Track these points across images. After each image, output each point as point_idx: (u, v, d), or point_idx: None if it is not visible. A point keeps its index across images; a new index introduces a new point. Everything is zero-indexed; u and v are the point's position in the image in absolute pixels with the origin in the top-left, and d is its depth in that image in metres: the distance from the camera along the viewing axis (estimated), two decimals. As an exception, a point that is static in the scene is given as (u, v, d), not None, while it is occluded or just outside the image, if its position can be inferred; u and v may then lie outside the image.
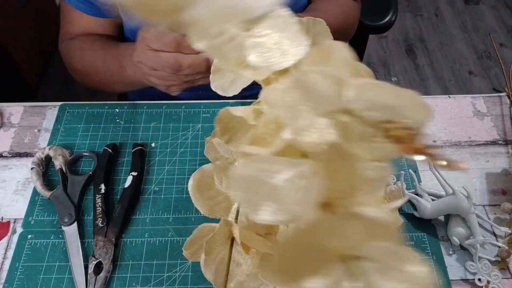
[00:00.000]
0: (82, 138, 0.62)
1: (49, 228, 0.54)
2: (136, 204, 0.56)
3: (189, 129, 0.63)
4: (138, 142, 0.61)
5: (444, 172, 0.58)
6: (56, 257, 0.51)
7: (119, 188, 0.57)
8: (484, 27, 1.93)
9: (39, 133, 0.63)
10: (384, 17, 0.84)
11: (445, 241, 0.53)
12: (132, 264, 0.51)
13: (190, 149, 0.61)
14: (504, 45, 1.86)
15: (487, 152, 0.61)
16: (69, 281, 0.50)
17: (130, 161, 0.59)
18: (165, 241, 0.53)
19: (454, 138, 0.62)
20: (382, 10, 0.84)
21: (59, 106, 0.66)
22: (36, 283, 0.49)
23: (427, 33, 1.92)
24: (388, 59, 1.84)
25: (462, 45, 1.87)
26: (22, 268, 0.51)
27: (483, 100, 0.67)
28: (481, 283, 0.49)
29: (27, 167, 0.59)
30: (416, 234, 0.53)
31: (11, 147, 0.62)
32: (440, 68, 1.79)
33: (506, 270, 0.51)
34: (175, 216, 0.55)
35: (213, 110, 0.65)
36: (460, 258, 0.52)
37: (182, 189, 0.57)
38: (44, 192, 0.55)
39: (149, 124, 0.64)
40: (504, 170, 0.59)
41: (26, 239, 0.53)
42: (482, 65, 1.80)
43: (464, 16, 1.98)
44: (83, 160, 0.60)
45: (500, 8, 2.00)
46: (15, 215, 0.55)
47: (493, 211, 0.56)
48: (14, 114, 0.65)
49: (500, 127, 0.64)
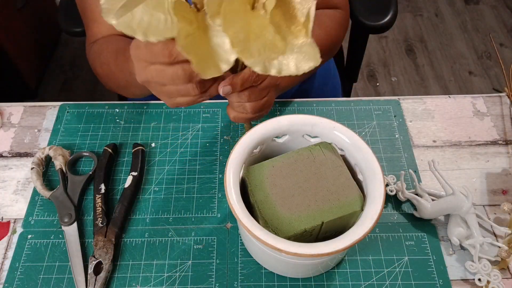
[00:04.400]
0: (82, 138, 0.62)
1: (49, 228, 0.54)
2: (136, 204, 0.56)
3: (189, 129, 0.63)
4: (138, 142, 0.61)
5: (444, 172, 0.58)
6: (56, 257, 0.51)
7: (119, 188, 0.57)
8: (484, 27, 1.93)
9: (39, 133, 0.63)
10: (384, 17, 0.83)
11: (445, 241, 0.53)
12: (132, 264, 0.51)
13: (190, 149, 0.61)
14: (504, 45, 1.86)
15: (487, 152, 0.61)
16: (69, 281, 0.50)
17: (130, 161, 0.59)
18: (165, 241, 0.53)
19: (454, 138, 0.63)
20: (382, 10, 0.84)
21: (59, 106, 0.66)
22: (36, 283, 0.49)
23: (427, 33, 1.92)
24: (388, 59, 1.84)
25: (462, 45, 1.87)
26: (22, 268, 0.51)
27: (483, 100, 0.67)
28: (481, 283, 0.49)
29: (27, 167, 0.59)
30: (416, 234, 0.53)
31: (11, 147, 0.62)
32: (440, 68, 1.79)
33: (506, 270, 0.51)
34: (175, 216, 0.55)
35: (213, 110, 0.65)
36: (460, 258, 0.52)
37: (182, 189, 0.57)
38: (44, 192, 0.55)
39: (149, 124, 0.64)
40: (504, 170, 0.59)
41: (26, 239, 0.53)
42: (482, 65, 1.80)
43: (464, 16, 1.98)
44: (83, 160, 0.60)
45: (500, 8, 2.00)
46: (15, 215, 0.55)
47: (493, 211, 0.56)
48: (14, 114, 0.65)
49: (500, 127, 0.64)
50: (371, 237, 0.53)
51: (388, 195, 0.56)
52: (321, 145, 0.49)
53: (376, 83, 1.76)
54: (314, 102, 0.66)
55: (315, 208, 0.44)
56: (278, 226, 0.43)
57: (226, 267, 0.51)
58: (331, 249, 0.39)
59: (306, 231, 0.43)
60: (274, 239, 0.40)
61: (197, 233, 0.53)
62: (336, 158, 0.48)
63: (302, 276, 0.50)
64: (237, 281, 0.50)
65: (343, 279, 0.50)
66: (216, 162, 0.60)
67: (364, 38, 0.92)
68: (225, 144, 0.61)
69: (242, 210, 0.41)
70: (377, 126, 0.63)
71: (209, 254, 0.52)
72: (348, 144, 0.48)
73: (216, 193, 0.57)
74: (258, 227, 0.40)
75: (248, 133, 0.47)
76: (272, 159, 0.48)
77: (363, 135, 0.62)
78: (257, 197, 0.45)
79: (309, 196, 0.45)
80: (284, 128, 0.49)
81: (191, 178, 0.58)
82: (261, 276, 0.50)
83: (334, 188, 0.45)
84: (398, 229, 0.54)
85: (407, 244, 0.52)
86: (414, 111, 0.65)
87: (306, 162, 0.47)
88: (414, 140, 0.62)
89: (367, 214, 0.42)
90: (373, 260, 0.51)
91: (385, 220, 0.54)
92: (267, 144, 0.50)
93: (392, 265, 0.51)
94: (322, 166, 0.47)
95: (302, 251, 0.39)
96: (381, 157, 0.60)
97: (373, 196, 0.43)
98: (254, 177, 0.46)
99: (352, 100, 0.66)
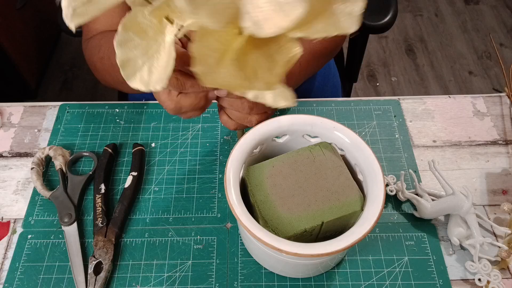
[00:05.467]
0: (82, 138, 0.62)
1: (49, 228, 0.54)
2: (136, 204, 0.56)
3: (189, 129, 0.63)
4: (138, 142, 0.61)
5: (444, 172, 0.58)
6: (56, 257, 0.51)
7: (119, 188, 0.57)
8: (484, 27, 1.93)
9: (39, 133, 0.63)
10: (384, 17, 0.83)
11: (445, 241, 0.53)
12: (132, 264, 0.51)
13: (190, 149, 0.61)
14: (504, 45, 1.86)
15: (487, 152, 0.61)
16: (69, 281, 0.50)
17: (130, 161, 0.59)
18: (165, 241, 0.53)
19: (454, 138, 0.63)
20: (382, 10, 0.84)
21: (59, 106, 0.66)
22: (36, 283, 0.49)
23: (427, 33, 1.92)
24: (388, 59, 1.84)
25: (462, 45, 1.87)
26: (22, 268, 0.51)
27: (483, 100, 0.67)
28: (481, 283, 0.49)
29: (27, 167, 0.59)
30: (416, 234, 0.53)
31: (11, 147, 0.62)
32: (440, 68, 1.79)
33: (506, 270, 0.51)
34: (175, 216, 0.55)
35: (213, 110, 0.65)
36: (460, 258, 0.52)
37: (182, 189, 0.57)
38: (44, 192, 0.55)
39: (149, 124, 0.64)
40: (504, 170, 0.59)
41: (26, 239, 0.53)
42: (482, 65, 1.80)
43: (464, 16, 1.98)
44: (83, 160, 0.60)
45: (500, 8, 2.00)
46: (15, 215, 0.55)
47: (493, 211, 0.56)
48: (14, 114, 0.65)
49: (500, 127, 0.64)
50: (371, 237, 0.53)
51: (388, 195, 0.56)
52: (321, 145, 0.49)
53: (376, 83, 1.76)
54: (314, 102, 0.66)
55: (315, 208, 0.44)
56: (278, 226, 0.43)
57: (226, 267, 0.51)
58: (331, 249, 0.39)
59: (306, 231, 0.43)
60: (274, 239, 0.40)
61: (197, 233, 0.53)
62: (336, 158, 0.48)
63: (302, 276, 0.50)
64: (237, 281, 0.50)
65: (343, 279, 0.50)
66: (216, 162, 0.60)
67: (364, 38, 0.92)
68: (225, 144, 0.61)
69: (242, 210, 0.41)
70: (377, 126, 0.63)
71: (209, 254, 0.52)
72: (348, 144, 0.48)
73: (216, 193, 0.57)
74: (258, 227, 0.40)
75: (248, 133, 0.47)
76: (272, 159, 0.48)
77: (363, 135, 0.62)
78: (257, 197, 0.45)
79: (309, 196, 0.45)
80: (284, 128, 0.49)
81: (191, 178, 0.58)
82: (261, 276, 0.50)
83: (334, 188, 0.45)
84: (398, 229, 0.54)
85: (407, 244, 0.52)
86: (414, 111, 0.65)
87: (306, 162, 0.47)
88: (414, 140, 0.62)
89: (367, 214, 0.42)
90: (373, 260, 0.51)
91: (385, 220, 0.54)
92: (267, 144, 0.50)
93: (392, 265, 0.51)
94: (322, 166, 0.47)
95: (302, 251, 0.39)
96: (381, 157, 0.60)
97: (373, 196, 0.43)
98: (254, 177, 0.46)
99: (352, 100, 0.66)
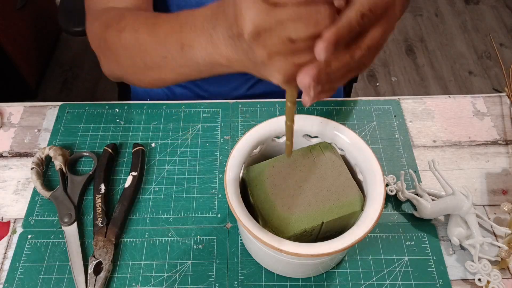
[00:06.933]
0: (82, 138, 0.62)
1: (49, 228, 0.54)
2: (136, 204, 0.56)
3: (189, 129, 0.63)
4: (138, 142, 0.61)
5: (444, 172, 0.58)
6: (56, 257, 0.51)
7: (119, 188, 0.57)
8: (484, 27, 1.93)
9: (39, 133, 0.63)
10: (384, 17, 0.83)
11: (445, 241, 0.53)
12: (132, 264, 0.51)
13: (190, 149, 0.61)
14: (504, 45, 1.86)
15: (487, 152, 0.61)
16: (69, 281, 0.50)
17: (130, 161, 0.59)
18: (165, 241, 0.53)
19: (454, 138, 0.63)
20: (382, 10, 0.84)
21: (59, 106, 0.66)
22: (36, 283, 0.49)
23: (427, 33, 1.92)
24: (388, 59, 1.84)
25: (462, 45, 1.87)
26: (22, 268, 0.51)
27: (483, 100, 0.67)
28: (481, 283, 0.49)
29: (27, 167, 0.59)
30: (416, 234, 0.53)
31: (11, 147, 0.62)
32: (440, 68, 1.79)
33: (506, 270, 0.51)
34: (175, 216, 0.55)
35: (213, 110, 0.65)
36: (460, 258, 0.52)
37: (182, 189, 0.57)
38: (44, 192, 0.55)
39: (149, 124, 0.64)
40: (504, 170, 0.59)
41: (26, 239, 0.53)
42: (482, 65, 1.80)
43: (464, 16, 1.98)
44: (83, 160, 0.60)
45: (500, 8, 2.00)
46: (15, 215, 0.55)
47: (493, 211, 0.56)
48: (14, 114, 0.65)
49: (500, 127, 0.64)
50: (371, 237, 0.53)
51: (388, 195, 0.56)
52: (321, 145, 0.49)
53: (376, 83, 1.76)
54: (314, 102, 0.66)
55: (315, 208, 0.44)
56: (278, 226, 0.43)
57: (226, 267, 0.51)
58: (331, 249, 0.39)
59: (306, 231, 0.43)
60: (274, 239, 0.40)
61: (197, 233, 0.53)
62: (336, 158, 0.48)
63: (302, 276, 0.50)
64: (237, 281, 0.50)
65: (343, 279, 0.50)
66: (216, 162, 0.60)
67: (364, 38, 0.92)
68: (225, 144, 0.61)
69: (242, 210, 0.41)
70: (377, 126, 0.63)
71: (209, 254, 0.52)
72: (348, 144, 0.48)
73: (216, 193, 0.57)
74: (258, 227, 0.40)
75: (248, 133, 0.47)
76: (272, 159, 0.48)
77: (363, 135, 0.62)
78: (257, 197, 0.45)
79: (309, 196, 0.45)
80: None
81: (191, 178, 0.58)
82: (261, 276, 0.50)
83: (334, 188, 0.45)
84: (398, 229, 0.54)
85: (407, 244, 0.52)
86: (414, 111, 0.65)
87: (306, 162, 0.47)
88: (414, 140, 0.62)
89: (367, 214, 0.42)
90: (373, 260, 0.51)
91: (385, 220, 0.54)
92: (267, 144, 0.50)
93: (392, 265, 0.51)
94: (322, 166, 0.47)
95: (302, 251, 0.39)
96: (381, 157, 0.60)
97: (373, 196, 0.43)
98: (254, 177, 0.46)
99: (352, 100, 0.66)
